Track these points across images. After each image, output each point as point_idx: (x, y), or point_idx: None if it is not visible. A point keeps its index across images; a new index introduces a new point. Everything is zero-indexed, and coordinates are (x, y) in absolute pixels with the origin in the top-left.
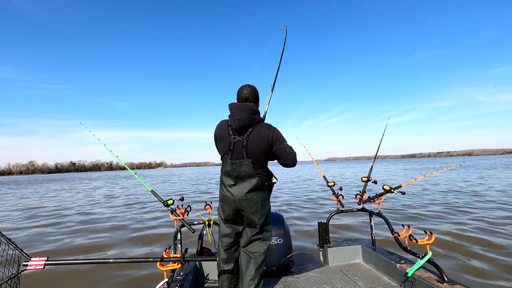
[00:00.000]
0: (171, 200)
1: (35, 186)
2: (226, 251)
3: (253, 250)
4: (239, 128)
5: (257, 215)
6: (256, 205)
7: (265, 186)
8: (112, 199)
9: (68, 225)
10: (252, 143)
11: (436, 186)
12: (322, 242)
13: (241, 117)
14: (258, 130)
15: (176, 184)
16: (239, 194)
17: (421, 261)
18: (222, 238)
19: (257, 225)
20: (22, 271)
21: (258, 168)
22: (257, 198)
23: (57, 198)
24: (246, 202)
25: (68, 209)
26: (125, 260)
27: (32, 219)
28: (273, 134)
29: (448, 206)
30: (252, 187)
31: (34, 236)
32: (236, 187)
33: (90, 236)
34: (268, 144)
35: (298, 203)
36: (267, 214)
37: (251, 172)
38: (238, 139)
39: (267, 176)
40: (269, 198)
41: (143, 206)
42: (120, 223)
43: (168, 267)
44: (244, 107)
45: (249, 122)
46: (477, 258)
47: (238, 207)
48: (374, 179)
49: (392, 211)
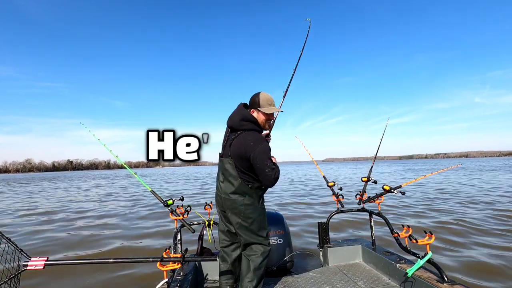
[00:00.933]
0: (171, 200)
1: (33, 184)
2: (222, 248)
3: (249, 252)
4: (229, 128)
5: (238, 217)
6: (239, 207)
7: (249, 190)
8: (111, 198)
9: (67, 225)
10: (234, 145)
11: (435, 186)
12: (322, 242)
13: (231, 118)
14: (243, 136)
15: (176, 184)
16: (224, 193)
17: (421, 261)
18: (219, 234)
19: (238, 229)
20: (22, 271)
21: (240, 172)
22: (241, 201)
23: (55, 197)
24: (230, 202)
25: (66, 208)
26: (125, 260)
27: (27, 218)
28: (251, 148)
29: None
30: (235, 189)
31: (31, 235)
32: (223, 184)
33: (90, 236)
34: (246, 154)
35: (298, 203)
36: (255, 219)
37: (234, 172)
38: (229, 137)
39: (253, 180)
40: (258, 203)
41: (143, 206)
42: (120, 223)
43: (168, 267)
44: (238, 111)
45: (236, 126)
46: (472, 257)
47: (223, 205)
48: (374, 179)
49: (392, 211)
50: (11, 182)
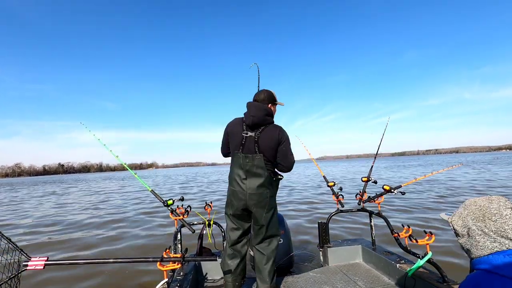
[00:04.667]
0: (171, 200)
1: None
2: (231, 246)
3: (266, 247)
4: (252, 125)
5: (264, 210)
6: (265, 200)
7: (274, 182)
8: (111, 199)
9: (66, 225)
10: (263, 139)
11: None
12: (322, 242)
13: (256, 115)
14: (270, 129)
15: (175, 184)
16: (249, 188)
17: (421, 261)
18: (229, 233)
19: (264, 221)
20: (22, 271)
21: (268, 163)
22: (266, 193)
23: (53, 200)
24: (256, 196)
25: (65, 208)
26: (125, 260)
27: (26, 218)
28: (283, 135)
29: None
30: (263, 182)
31: (32, 237)
32: (247, 181)
33: (89, 236)
34: (278, 143)
35: (298, 202)
36: (274, 210)
37: (263, 167)
38: (250, 134)
39: (275, 173)
40: (275, 196)
41: (142, 206)
42: (119, 223)
43: (168, 267)
44: (261, 107)
45: (262, 121)
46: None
47: (247, 201)
48: (374, 179)
49: (391, 211)
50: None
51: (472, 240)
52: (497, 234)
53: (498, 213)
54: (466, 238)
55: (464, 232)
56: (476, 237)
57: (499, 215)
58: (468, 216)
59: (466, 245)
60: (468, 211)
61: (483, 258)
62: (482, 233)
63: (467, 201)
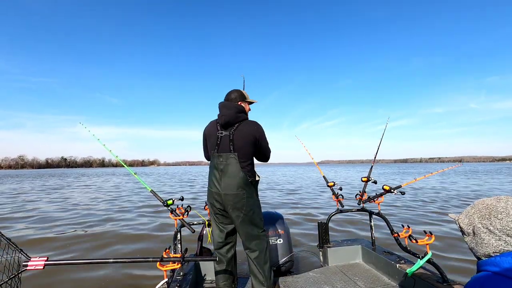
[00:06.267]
0: (171, 200)
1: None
2: (216, 250)
3: (254, 250)
4: (225, 124)
5: (241, 212)
6: (241, 201)
7: (250, 183)
8: (110, 198)
9: (66, 225)
10: (238, 137)
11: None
12: (322, 242)
13: (226, 114)
14: (244, 126)
15: (175, 183)
16: (225, 189)
17: (421, 261)
18: (214, 236)
19: (243, 223)
20: (22, 271)
21: (244, 163)
22: (243, 194)
23: (51, 196)
24: (232, 197)
25: (65, 207)
26: (124, 260)
27: (23, 215)
28: (258, 130)
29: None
30: (238, 182)
31: (26, 236)
32: (222, 181)
33: (89, 236)
34: (255, 138)
35: (298, 203)
36: (255, 211)
37: (237, 166)
38: (225, 133)
39: (252, 173)
40: (256, 196)
41: (142, 206)
42: (119, 222)
43: (168, 267)
44: (231, 105)
45: (234, 119)
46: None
47: (224, 203)
48: (374, 179)
49: (392, 211)
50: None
51: (477, 238)
52: (502, 232)
53: (505, 212)
54: (471, 236)
55: (469, 230)
56: (481, 234)
57: (506, 213)
58: (474, 214)
59: (471, 244)
60: (475, 209)
61: (491, 260)
62: (487, 230)
63: (476, 201)
